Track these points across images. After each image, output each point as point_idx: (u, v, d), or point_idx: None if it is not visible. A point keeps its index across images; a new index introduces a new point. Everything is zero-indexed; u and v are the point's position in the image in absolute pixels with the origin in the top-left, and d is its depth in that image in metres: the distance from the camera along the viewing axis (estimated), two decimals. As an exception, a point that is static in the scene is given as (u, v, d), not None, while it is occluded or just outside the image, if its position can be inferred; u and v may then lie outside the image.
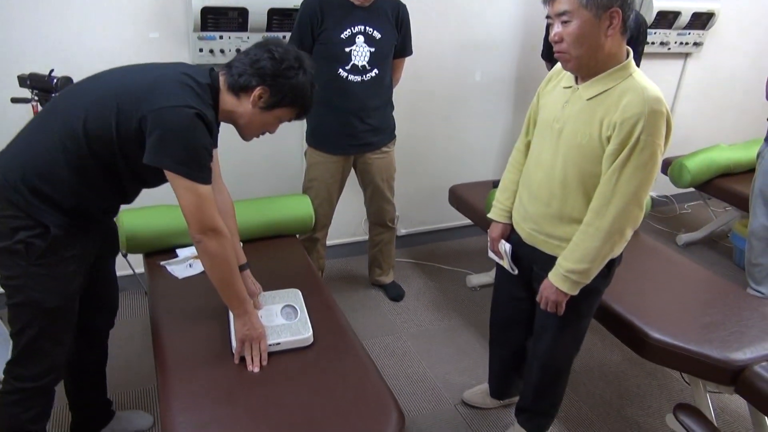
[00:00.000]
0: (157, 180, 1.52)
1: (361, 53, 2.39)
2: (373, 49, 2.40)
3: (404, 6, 2.48)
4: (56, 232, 1.46)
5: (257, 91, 1.53)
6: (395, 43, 2.48)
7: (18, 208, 1.43)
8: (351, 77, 2.41)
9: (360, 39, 2.37)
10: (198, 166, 1.44)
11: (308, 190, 2.65)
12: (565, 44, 1.47)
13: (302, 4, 2.39)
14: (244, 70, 1.53)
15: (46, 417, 1.66)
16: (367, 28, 2.37)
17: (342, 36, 2.35)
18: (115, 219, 1.77)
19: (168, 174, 1.43)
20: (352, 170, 2.72)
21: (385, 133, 2.63)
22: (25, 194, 1.43)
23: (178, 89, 1.43)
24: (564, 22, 1.45)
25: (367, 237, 3.06)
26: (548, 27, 1.51)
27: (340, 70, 2.39)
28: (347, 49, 2.37)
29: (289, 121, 1.66)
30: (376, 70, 2.43)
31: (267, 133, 1.67)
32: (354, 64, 2.40)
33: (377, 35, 2.39)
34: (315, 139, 2.58)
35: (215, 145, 1.68)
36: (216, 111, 1.55)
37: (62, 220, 1.47)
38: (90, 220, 1.56)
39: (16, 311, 1.50)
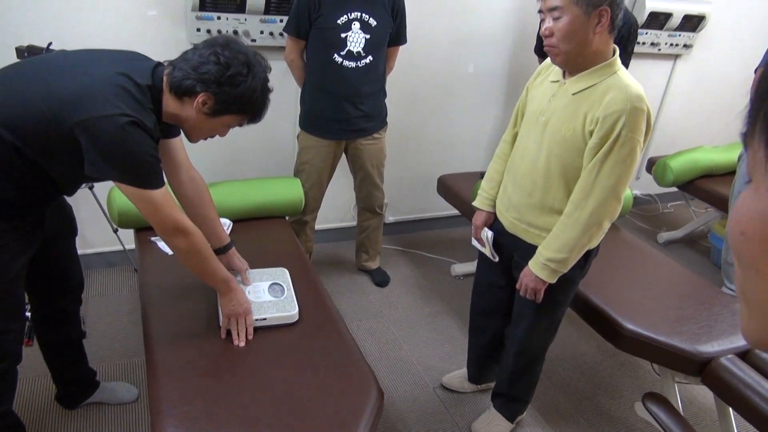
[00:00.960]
0: (97, 179, 1.45)
1: (356, 39, 2.42)
2: (368, 36, 2.43)
3: None
4: None
5: (201, 98, 1.43)
6: (390, 30, 2.51)
7: None
8: (346, 63, 2.44)
9: (356, 25, 2.40)
10: (145, 173, 1.38)
11: (299, 173, 2.68)
12: (554, 39, 1.51)
13: None
14: (188, 74, 1.41)
15: (8, 400, 1.63)
16: (364, 15, 2.40)
17: (338, 22, 2.38)
18: (67, 199, 1.71)
19: (117, 184, 1.38)
20: (343, 156, 2.76)
21: (378, 119, 2.67)
22: None
23: (110, 94, 1.33)
24: (555, 18, 1.49)
25: (355, 223, 3.11)
26: (541, 23, 1.55)
27: (335, 55, 2.42)
28: (343, 35, 2.40)
29: (240, 126, 1.57)
30: (370, 57, 2.47)
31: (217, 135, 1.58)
32: (349, 50, 2.43)
33: (373, 22, 2.43)
34: (307, 123, 2.61)
35: (177, 134, 1.65)
36: (159, 112, 1.46)
37: None
38: (20, 209, 1.48)
39: None
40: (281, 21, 2.63)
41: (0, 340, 1.54)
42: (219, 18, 2.53)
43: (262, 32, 2.64)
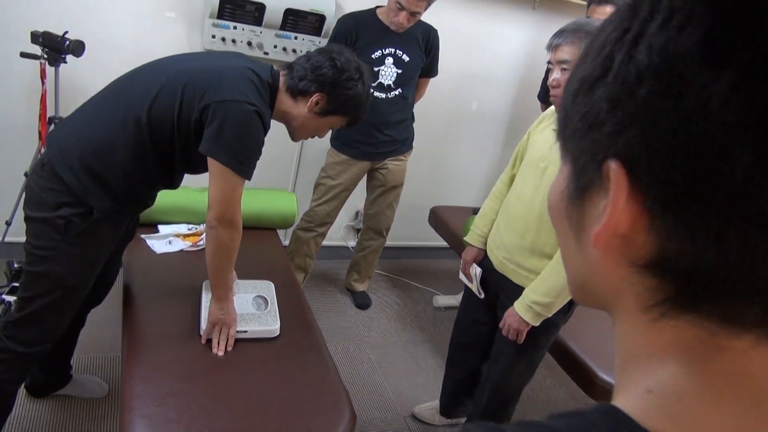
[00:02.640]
0: (205, 168, 1.52)
1: (388, 73, 2.51)
2: (400, 71, 2.52)
3: (435, 32, 2.61)
4: (98, 216, 1.47)
5: (315, 97, 1.56)
6: (422, 65, 2.61)
7: (66, 186, 1.43)
8: (376, 93, 2.53)
9: (389, 60, 2.49)
10: (247, 161, 1.48)
11: (319, 186, 2.75)
12: (561, 90, 1.56)
13: (339, 20, 2.50)
14: (305, 75, 1.55)
15: (21, 382, 1.66)
16: (397, 51, 2.50)
17: (373, 56, 2.47)
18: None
19: (211, 162, 1.45)
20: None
21: (405, 143, 2.78)
22: (79, 174, 1.43)
23: (242, 84, 1.45)
24: (563, 70, 1.54)
25: (345, 243, 3.13)
26: (548, 71, 1.60)
27: None
28: (376, 69, 2.49)
29: (341, 127, 1.71)
30: (400, 90, 2.57)
31: (316, 137, 1.72)
32: (380, 83, 2.52)
33: (406, 58, 2.52)
34: (337, 142, 2.70)
35: None
36: (271, 109, 1.58)
37: (108, 204, 1.48)
38: (134, 205, 1.60)
39: (35, 279, 1.50)
40: (295, 38, 2.67)
41: (55, 325, 1.59)
42: (235, 28, 2.57)
43: (275, 46, 2.69)
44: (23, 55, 2.13)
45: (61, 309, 1.56)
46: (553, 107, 1.68)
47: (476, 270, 1.93)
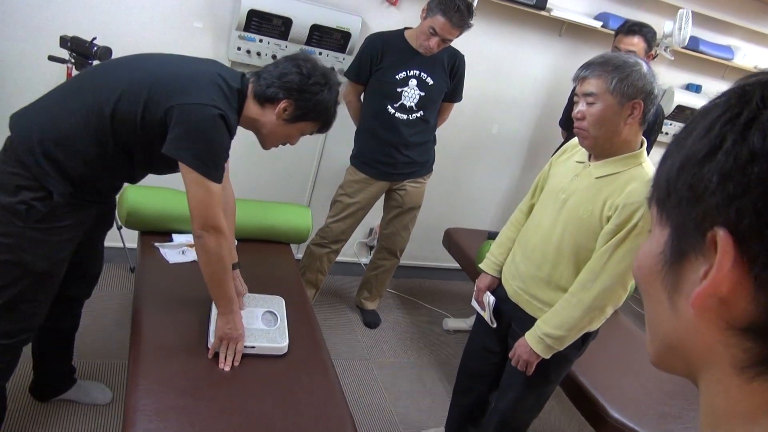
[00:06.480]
0: (168, 169, 1.56)
1: (411, 95, 2.51)
2: (423, 93, 2.51)
3: (462, 57, 2.60)
4: (58, 200, 1.47)
5: (282, 104, 1.57)
6: (446, 90, 2.60)
7: (27, 169, 1.44)
8: (398, 114, 2.53)
9: (413, 82, 2.49)
10: (214, 164, 1.48)
11: (336, 204, 2.74)
12: (585, 123, 1.54)
13: (367, 38, 2.51)
14: (272, 82, 1.56)
15: (9, 374, 1.65)
16: (422, 73, 2.49)
17: (397, 77, 2.47)
18: (116, 195, 1.80)
19: (183, 167, 1.46)
20: None
21: (425, 166, 2.76)
22: (37, 157, 1.44)
23: (209, 88, 1.47)
24: (589, 103, 1.52)
25: (357, 259, 3.11)
26: (571, 99, 1.58)
27: (389, 106, 2.51)
28: (399, 90, 2.49)
29: (311, 134, 1.71)
30: (422, 112, 2.56)
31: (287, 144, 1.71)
32: (402, 104, 2.52)
33: (430, 81, 2.51)
34: (358, 160, 2.69)
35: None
36: (239, 116, 1.59)
37: (67, 189, 1.48)
38: (94, 194, 1.58)
39: (2, 268, 1.49)
40: (320, 53, 2.68)
41: (31, 314, 1.58)
42: (261, 41, 2.59)
43: (299, 61, 2.69)
44: (51, 58, 2.15)
45: (34, 297, 1.56)
46: (576, 139, 1.66)
47: (490, 298, 1.90)
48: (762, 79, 0.38)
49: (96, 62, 2.16)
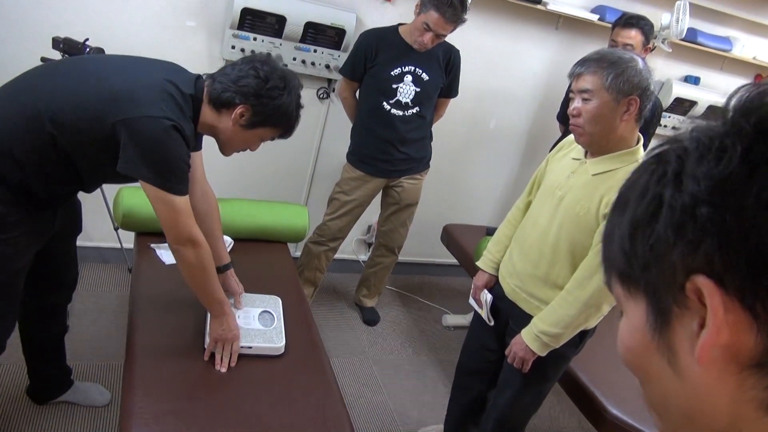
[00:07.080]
0: (122, 180, 1.49)
1: (406, 91, 2.49)
2: (418, 89, 2.50)
3: (457, 52, 2.58)
4: (1, 209, 1.40)
5: (239, 110, 1.48)
6: (442, 85, 2.59)
7: None
8: (393, 111, 2.51)
9: (408, 78, 2.47)
10: (174, 177, 1.41)
11: (333, 201, 2.73)
12: (581, 119, 1.53)
13: (361, 35, 2.50)
14: (228, 86, 1.47)
15: None
16: (417, 69, 2.48)
17: (392, 73, 2.45)
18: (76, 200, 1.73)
19: (143, 184, 1.40)
20: None
21: (421, 162, 2.74)
22: None
23: (158, 98, 1.37)
24: (584, 99, 1.51)
25: (356, 257, 3.10)
26: (568, 94, 1.57)
27: (384, 103, 2.50)
28: (394, 86, 2.47)
29: (272, 140, 1.62)
30: (417, 108, 2.54)
31: (248, 150, 1.62)
32: (398, 100, 2.50)
33: (425, 77, 2.50)
34: (354, 158, 2.68)
35: (199, 148, 1.67)
36: (196, 122, 1.51)
37: (7, 196, 1.41)
38: (41, 201, 1.49)
39: None
40: (315, 51, 2.67)
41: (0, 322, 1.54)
42: (255, 39, 2.57)
43: (294, 59, 2.68)
44: (44, 60, 2.14)
45: None
46: (572, 136, 1.65)
47: (487, 296, 1.90)
48: (672, 146, 0.40)
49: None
